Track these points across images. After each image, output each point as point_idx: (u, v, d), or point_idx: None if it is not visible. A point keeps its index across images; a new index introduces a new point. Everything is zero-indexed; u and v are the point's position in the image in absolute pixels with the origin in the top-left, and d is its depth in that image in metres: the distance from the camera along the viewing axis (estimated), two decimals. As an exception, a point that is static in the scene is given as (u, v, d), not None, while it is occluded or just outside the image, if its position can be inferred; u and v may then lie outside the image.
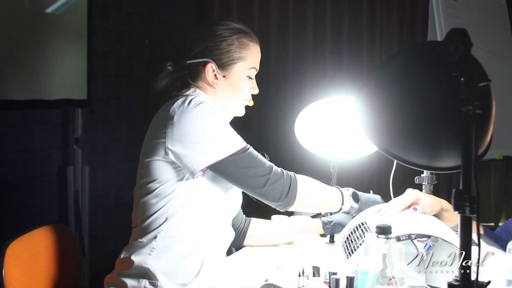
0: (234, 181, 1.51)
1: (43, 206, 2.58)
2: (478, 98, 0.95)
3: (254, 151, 1.54)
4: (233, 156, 1.49)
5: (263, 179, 1.51)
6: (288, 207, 1.55)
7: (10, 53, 2.18)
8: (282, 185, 1.52)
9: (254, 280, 1.46)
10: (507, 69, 3.30)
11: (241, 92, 1.63)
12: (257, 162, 1.52)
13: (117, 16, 3.11)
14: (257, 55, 1.66)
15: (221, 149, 1.48)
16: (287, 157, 3.53)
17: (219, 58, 1.59)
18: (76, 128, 2.78)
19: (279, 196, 1.52)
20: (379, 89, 1.23)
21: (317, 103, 2.02)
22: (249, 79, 1.64)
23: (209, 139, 1.48)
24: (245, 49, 1.62)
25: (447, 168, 1.17)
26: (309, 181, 1.60)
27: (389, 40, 3.64)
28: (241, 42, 1.62)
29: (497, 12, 3.40)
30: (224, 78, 1.59)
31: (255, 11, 3.62)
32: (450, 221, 1.62)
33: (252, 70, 1.64)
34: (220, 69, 1.59)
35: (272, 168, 1.54)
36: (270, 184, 1.51)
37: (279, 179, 1.52)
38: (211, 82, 1.59)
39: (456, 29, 1.00)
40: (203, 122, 1.49)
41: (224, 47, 1.59)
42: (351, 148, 1.96)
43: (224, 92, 1.61)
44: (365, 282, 1.17)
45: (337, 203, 1.66)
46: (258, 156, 1.54)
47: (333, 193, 1.66)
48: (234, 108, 1.66)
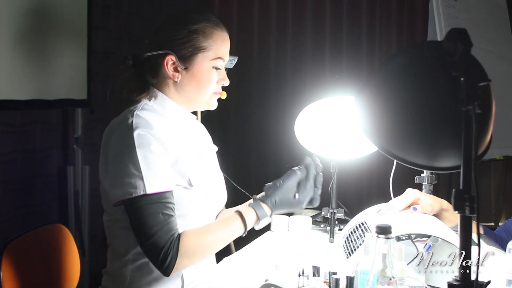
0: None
1: (43, 206, 2.58)
2: (478, 98, 0.95)
3: (154, 206, 1.36)
4: (139, 199, 1.35)
5: (143, 241, 1.36)
6: (167, 273, 1.36)
7: (10, 53, 2.17)
8: (159, 254, 1.34)
9: (254, 280, 1.46)
10: (507, 69, 3.30)
11: (206, 84, 1.50)
12: (147, 221, 1.35)
13: (117, 16, 3.11)
14: (222, 43, 1.51)
15: (129, 186, 1.35)
16: (287, 157, 3.53)
17: (179, 49, 1.47)
18: (76, 128, 2.78)
19: (155, 261, 1.36)
20: (379, 89, 1.24)
21: (317, 103, 2.02)
22: (216, 70, 1.51)
23: (123, 172, 1.36)
24: (208, 38, 1.48)
25: (447, 168, 1.17)
26: (195, 239, 1.39)
27: (389, 40, 3.64)
28: (202, 30, 1.48)
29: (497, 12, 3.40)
30: (186, 70, 1.48)
31: (255, 12, 3.62)
32: (450, 221, 1.62)
33: (218, 60, 1.50)
34: (181, 61, 1.47)
35: (156, 235, 1.34)
36: (147, 249, 1.36)
37: (154, 251, 1.35)
38: (171, 75, 1.49)
39: (456, 29, 1.00)
40: (123, 154, 1.38)
41: (183, 37, 1.47)
42: (351, 148, 1.96)
43: (187, 85, 1.50)
44: (365, 282, 1.17)
45: (238, 232, 1.46)
46: (155, 214, 1.35)
47: (230, 229, 1.45)
48: (200, 101, 1.53)
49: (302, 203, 1.49)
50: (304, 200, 1.49)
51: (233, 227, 1.45)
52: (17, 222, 2.37)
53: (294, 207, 1.50)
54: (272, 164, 3.65)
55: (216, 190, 1.60)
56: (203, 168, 1.54)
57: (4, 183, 2.31)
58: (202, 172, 1.51)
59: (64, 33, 2.53)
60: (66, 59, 2.56)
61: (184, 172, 1.44)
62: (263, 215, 1.46)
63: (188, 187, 1.45)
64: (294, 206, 1.50)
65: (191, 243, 1.37)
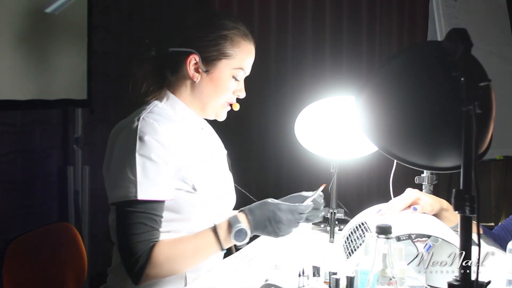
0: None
1: (43, 206, 2.57)
2: (478, 98, 0.95)
3: (141, 215, 1.36)
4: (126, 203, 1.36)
5: (122, 244, 1.38)
6: (136, 281, 1.37)
7: (10, 53, 2.17)
8: (130, 261, 1.35)
9: (254, 280, 1.46)
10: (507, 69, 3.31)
11: (223, 91, 1.50)
12: (130, 227, 1.35)
13: (117, 16, 3.11)
14: (247, 56, 1.54)
15: (123, 189, 1.36)
16: (287, 157, 3.53)
17: (204, 50, 1.47)
18: (76, 128, 2.78)
19: (126, 268, 1.37)
20: (379, 89, 1.24)
21: (317, 103, 2.02)
22: (234, 80, 1.51)
23: (125, 174, 1.37)
24: (234, 47, 1.49)
25: (447, 168, 1.17)
26: (166, 250, 1.37)
27: (389, 40, 3.64)
28: (231, 38, 1.49)
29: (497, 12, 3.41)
30: (206, 73, 1.48)
31: (255, 12, 3.62)
32: (450, 221, 1.62)
33: (238, 70, 1.51)
34: (203, 63, 1.47)
35: (132, 245, 1.35)
36: (123, 254, 1.38)
37: (128, 257, 1.36)
38: (191, 75, 1.48)
39: (456, 29, 1.00)
40: (124, 158, 1.38)
41: (211, 40, 1.47)
42: (351, 148, 1.96)
43: (204, 88, 1.50)
44: (365, 282, 1.17)
45: (210, 242, 1.40)
46: (139, 223, 1.36)
47: (202, 239, 1.40)
48: (212, 108, 1.53)
49: (283, 226, 1.38)
50: (285, 225, 1.39)
51: (205, 236, 1.39)
52: (17, 222, 2.36)
53: (274, 225, 1.39)
54: (272, 164, 3.65)
55: (223, 194, 1.59)
56: (209, 173, 1.52)
57: (4, 183, 2.31)
58: (207, 177, 1.50)
59: (64, 33, 2.53)
60: (66, 59, 2.55)
61: (188, 177, 1.44)
62: (234, 221, 1.39)
63: (192, 191, 1.45)
64: (274, 224, 1.39)
65: (162, 253, 1.35)
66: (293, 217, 1.40)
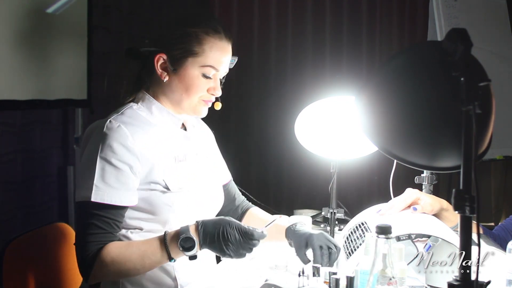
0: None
1: (43, 206, 2.57)
2: (478, 98, 0.95)
3: (95, 216, 1.37)
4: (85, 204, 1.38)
5: (76, 242, 1.40)
6: (85, 279, 1.39)
7: (10, 53, 2.17)
8: (80, 260, 1.38)
9: (254, 280, 1.46)
10: (507, 69, 3.31)
11: (192, 90, 1.47)
12: (84, 226, 1.37)
13: (117, 16, 3.11)
14: (218, 53, 1.47)
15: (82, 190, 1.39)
16: (287, 157, 3.53)
17: (171, 49, 1.46)
18: (76, 128, 2.78)
19: (78, 266, 1.39)
20: (379, 89, 1.24)
21: (317, 103, 2.02)
22: (205, 78, 1.47)
23: (86, 176, 1.39)
24: (202, 44, 1.45)
25: (447, 168, 1.17)
26: (113, 251, 1.36)
27: (389, 40, 3.64)
28: (197, 35, 1.45)
29: (497, 12, 3.41)
30: (174, 72, 1.46)
31: (255, 12, 3.62)
32: (450, 221, 1.62)
33: (208, 68, 1.46)
34: (171, 62, 1.46)
35: (83, 243, 1.36)
36: (76, 252, 1.40)
37: (79, 254, 1.38)
38: (159, 74, 1.48)
39: (456, 29, 1.00)
40: (88, 160, 1.40)
41: (177, 38, 1.45)
42: (351, 148, 1.96)
43: (174, 87, 1.48)
44: (365, 282, 1.17)
45: (158, 257, 1.36)
46: (92, 224, 1.37)
47: (149, 243, 1.37)
48: (188, 106, 1.51)
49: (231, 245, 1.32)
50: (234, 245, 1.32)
51: (153, 242, 1.36)
52: (17, 222, 2.36)
53: (222, 241, 1.32)
54: (272, 164, 3.65)
55: (204, 194, 1.57)
56: (186, 172, 1.52)
57: (4, 183, 2.31)
58: (183, 176, 1.50)
59: (64, 33, 2.53)
60: (66, 59, 2.55)
61: (160, 177, 1.44)
62: (184, 230, 1.33)
63: (165, 190, 1.45)
64: (222, 240, 1.32)
65: (109, 254, 1.36)
66: (242, 239, 1.32)
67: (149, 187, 1.44)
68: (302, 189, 3.60)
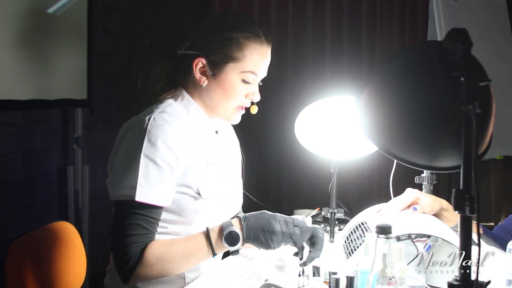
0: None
1: (43, 206, 2.57)
2: (478, 98, 0.95)
3: (138, 216, 1.35)
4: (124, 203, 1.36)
5: (115, 243, 1.37)
6: (125, 280, 1.37)
7: (10, 53, 2.17)
8: (122, 261, 1.35)
9: (254, 280, 1.46)
10: (507, 69, 3.31)
11: (231, 95, 1.46)
12: (126, 227, 1.35)
13: (117, 16, 3.11)
14: (258, 58, 1.46)
15: (123, 189, 1.35)
16: (287, 157, 3.53)
17: (211, 54, 1.43)
18: (76, 128, 2.78)
19: (117, 267, 1.37)
20: (379, 89, 1.23)
21: (317, 103, 2.02)
22: (244, 84, 1.46)
23: (122, 173, 1.36)
24: (242, 50, 1.43)
25: (447, 168, 1.17)
26: (157, 251, 1.36)
27: (389, 40, 3.64)
28: (238, 40, 1.43)
29: (497, 12, 3.41)
30: (213, 77, 1.44)
31: (255, 12, 3.62)
32: (450, 220, 1.62)
33: (248, 74, 1.45)
34: (210, 67, 1.44)
35: (125, 244, 1.34)
36: (115, 253, 1.38)
37: (120, 256, 1.35)
38: (198, 78, 1.45)
39: (456, 29, 1.00)
40: (129, 157, 1.37)
41: (217, 43, 1.43)
42: (351, 148, 1.96)
43: (213, 92, 1.46)
44: (365, 282, 1.17)
45: (201, 245, 1.37)
46: (136, 224, 1.35)
47: (193, 241, 1.38)
48: (223, 112, 1.49)
49: (276, 237, 1.35)
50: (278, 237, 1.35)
51: (197, 239, 1.37)
52: (17, 222, 2.36)
53: (267, 235, 1.35)
54: (272, 164, 3.65)
55: (228, 199, 1.57)
56: (216, 177, 1.51)
57: (4, 183, 2.31)
58: (213, 181, 1.49)
59: (64, 33, 2.53)
60: (66, 59, 2.55)
61: (193, 182, 1.43)
62: (227, 225, 1.36)
63: (196, 196, 1.44)
64: (268, 234, 1.35)
65: (154, 254, 1.35)
66: (287, 230, 1.35)
67: (181, 190, 1.42)
68: (302, 189, 3.60)
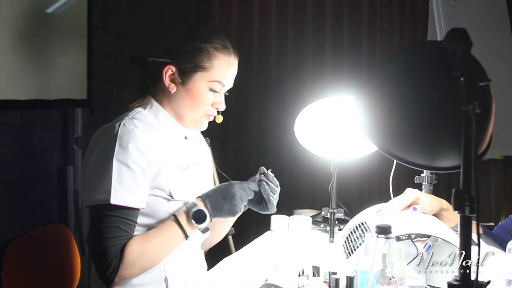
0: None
1: (43, 206, 2.57)
2: (478, 98, 0.95)
3: (114, 219, 1.38)
4: (101, 207, 1.38)
5: (94, 248, 1.39)
6: (108, 282, 1.39)
7: (10, 53, 2.17)
8: (103, 264, 1.37)
9: (254, 280, 1.46)
10: (507, 69, 3.30)
11: (199, 103, 1.50)
12: (104, 230, 1.37)
13: (117, 16, 3.11)
14: (226, 68, 1.51)
15: (98, 193, 1.38)
16: (287, 157, 3.53)
17: (180, 62, 1.48)
18: (76, 128, 2.78)
19: (98, 270, 1.39)
20: (379, 89, 1.24)
21: (317, 103, 2.02)
22: (212, 92, 1.51)
23: (101, 178, 1.38)
24: (211, 60, 1.48)
25: (447, 168, 1.17)
26: (136, 247, 1.38)
27: (389, 40, 3.64)
28: (208, 51, 1.48)
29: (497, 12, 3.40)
30: (182, 84, 1.49)
31: (255, 12, 3.62)
32: (450, 220, 1.62)
33: (215, 83, 1.50)
34: (179, 74, 1.48)
35: (105, 247, 1.36)
36: (95, 257, 1.40)
37: (101, 260, 1.37)
38: (167, 85, 1.49)
39: (456, 29, 1.00)
40: (101, 163, 1.40)
41: (187, 52, 1.48)
42: (351, 148, 1.96)
43: (181, 100, 1.50)
44: (365, 282, 1.17)
45: (174, 232, 1.43)
46: (113, 227, 1.37)
47: (166, 230, 1.43)
48: (190, 119, 1.53)
49: (238, 200, 1.46)
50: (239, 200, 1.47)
51: (169, 227, 1.43)
52: (17, 222, 2.36)
53: (230, 201, 1.46)
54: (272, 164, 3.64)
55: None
56: (188, 181, 1.52)
57: (4, 183, 2.31)
58: (185, 185, 1.50)
59: (64, 33, 2.53)
60: (66, 59, 2.55)
61: (165, 184, 1.45)
62: (191, 206, 1.43)
63: (169, 198, 1.46)
64: (229, 200, 1.46)
65: (133, 251, 1.37)
66: (245, 193, 1.49)
67: (153, 192, 1.44)
68: (302, 189, 3.60)
